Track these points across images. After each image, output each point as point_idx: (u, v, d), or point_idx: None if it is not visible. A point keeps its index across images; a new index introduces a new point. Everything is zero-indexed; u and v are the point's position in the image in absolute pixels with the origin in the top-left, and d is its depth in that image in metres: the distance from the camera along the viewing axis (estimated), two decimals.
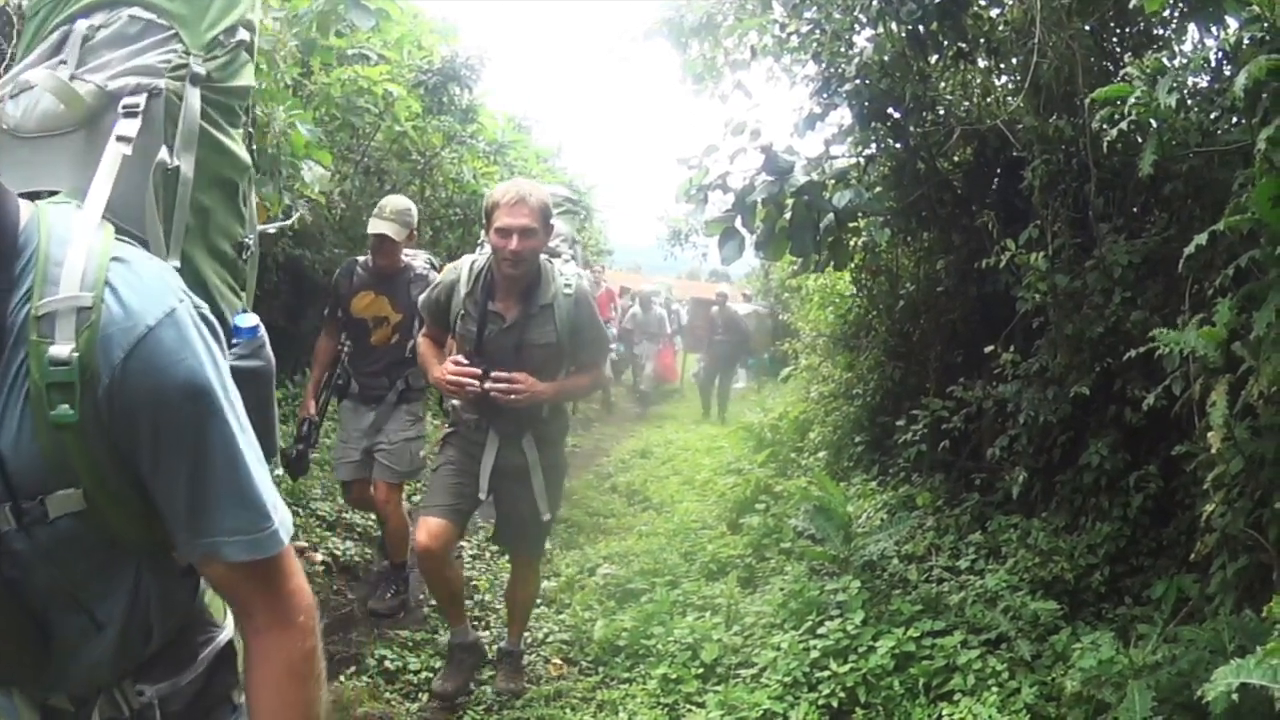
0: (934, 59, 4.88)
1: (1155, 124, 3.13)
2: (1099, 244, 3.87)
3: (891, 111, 4.79)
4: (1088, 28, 4.25)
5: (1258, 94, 2.64)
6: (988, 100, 4.91)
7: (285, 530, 1.07)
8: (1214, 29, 3.85)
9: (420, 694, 3.60)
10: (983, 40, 4.81)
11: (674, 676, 3.63)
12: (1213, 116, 3.36)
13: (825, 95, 4.81)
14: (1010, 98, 4.78)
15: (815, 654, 3.50)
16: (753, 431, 7.77)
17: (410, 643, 3.98)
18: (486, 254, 3.29)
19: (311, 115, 4.56)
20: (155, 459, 0.98)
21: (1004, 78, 5.03)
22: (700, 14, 6.14)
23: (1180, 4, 4.04)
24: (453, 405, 3.46)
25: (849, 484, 5.44)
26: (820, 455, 6.53)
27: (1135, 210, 4.10)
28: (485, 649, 3.79)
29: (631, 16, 21.92)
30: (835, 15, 4.66)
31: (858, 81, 4.58)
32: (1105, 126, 3.07)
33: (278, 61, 3.84)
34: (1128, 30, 4.43)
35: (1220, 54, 3.55)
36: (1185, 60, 3.55)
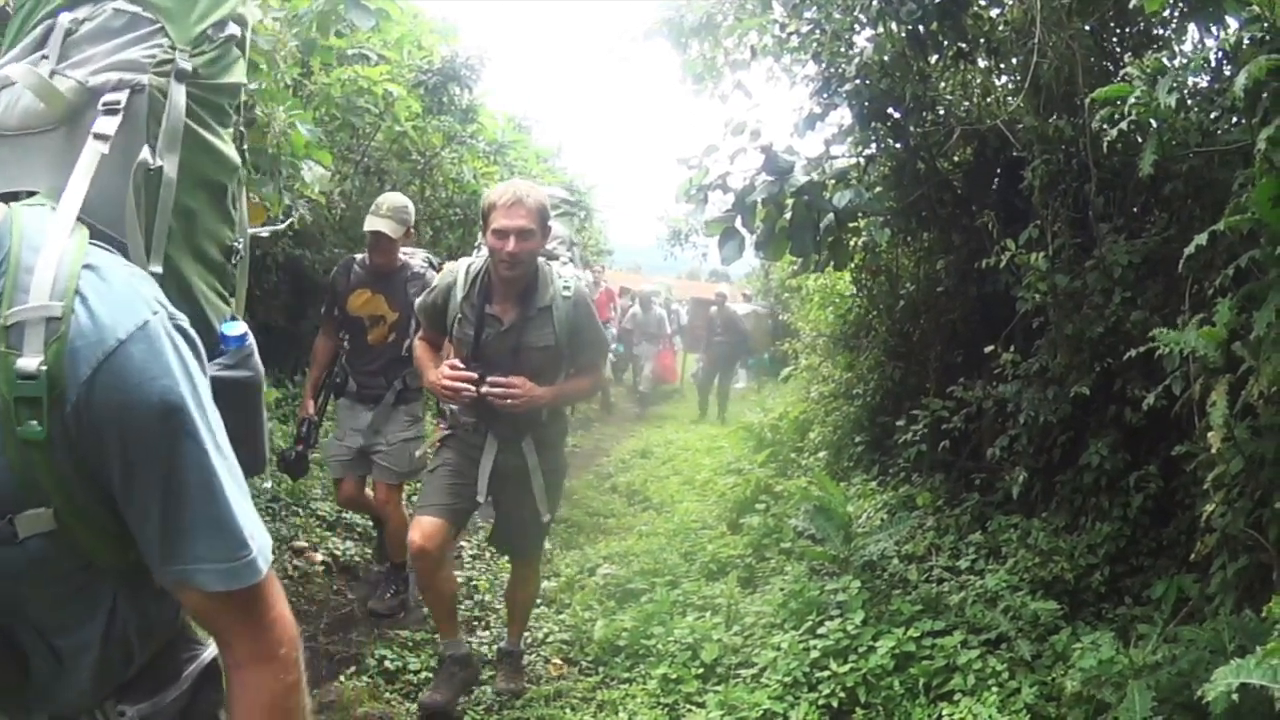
0: (934, 59, 4.88)
1: (1155, 124, 3.13)
2: (1099, 244, 3.87)
3: (891, 111, 4.79)
4: (1088, 28, 4.25)
5: (1258, 94, 2.64)
6: (988, 100, 4.91)
7: (264, 559, 1.01)
8: (1214, 29, 3.86)
9: (420, 694, 3.59)
10: (983, 40, 4.81)
11: (674, 676, 3.63)
12: (1213, 116, 3.36)
13: (825, 95, 4.81)
14: (1010, 98, 4.79)
15: (815, 654, 3.50)
16: (753, 431, 7.77)
17: (410, 643, 3.98)
18: (484, 256, 3.26)
19: (311, 115, 4.56)
20: (126, 481, 0.94)
21: (1004, 78, 5.03)
22: (700, 14, 6.14)
23: (1180, 4, 4.04)
24: (450, 408, 3.44)
25: (849, 484, 5.43)
26: (820, 455, 6.53)
27: (1135, 210, 4.10)
28: (478, 664, 3.71)
29: (631, 16, 21.93)
30: (835, 15, 4.66)
31: (858, 81, 4.58)
32: (1105, 126, 3.07)
33: (278, 61, 3.83)
34: (1128, 30, 4.43)
35: (1220, 54, 3.55)
36: (1185, 60, 3.55)
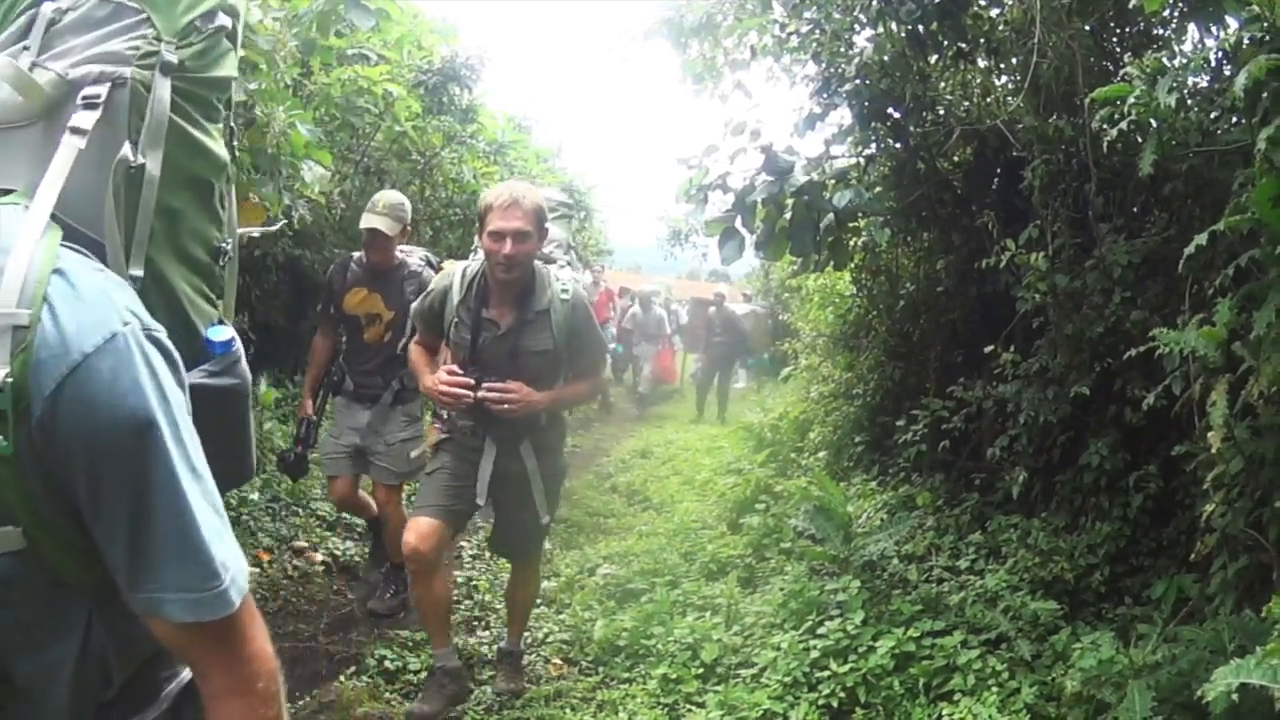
0: (934, 59, 4.88)
1: (1155, 124, 3.13)
2: (1099, 244, 3.87)
3: (891, 111, 4.80)
4: (1088, 28, 4.26)
5: (1258, 94, 2.64)
6: (988, 100, 4.91)
7: (237, 590, 0.96)
8: (1214, 29, 3.86)
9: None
10: (983, 40, 4.81)
11: (674, 676, 3.63)
12: (1213, 116, 3.36)
13: (825, 95, 4.81)
14: (1010, 98, 4.79)
15: (815, 654, 3.50)
16: (753, 431, 7.77)
17: (410, 643, 3.97)
18: (480, 260, 3.22)
19: (311, 115, 4.55)
20: (93, 500, 0.89)
21: (1004, 78, 5.04)
22: (700, 14, 6.14)
23: (1180, 4, 4.04)
24: (448, 412, 3.40)
25: (849, 484, 5.44)
26: (820, 455, 6.53)
27: (1135, 210, 4.10)
28: (469, 679, 3.62)
29: (631, 16, 21.94)
30: (835, 15, 4.66)
31: (858, 81, 4.58)
32: (1105, 126, 3.07)
33: (278, 61, 3.82)
34: (1128, 30, 4.44)
35: (1220, 54, 3.55)
36: (1185, 60, 3.55)
